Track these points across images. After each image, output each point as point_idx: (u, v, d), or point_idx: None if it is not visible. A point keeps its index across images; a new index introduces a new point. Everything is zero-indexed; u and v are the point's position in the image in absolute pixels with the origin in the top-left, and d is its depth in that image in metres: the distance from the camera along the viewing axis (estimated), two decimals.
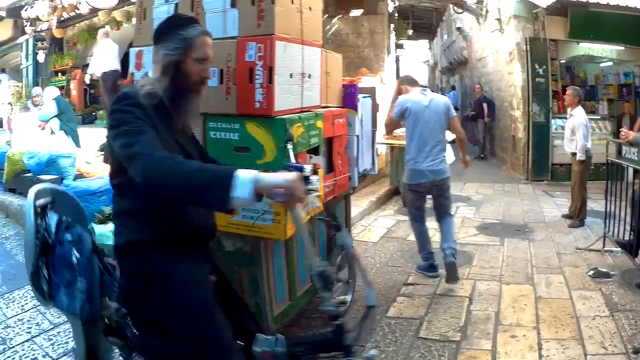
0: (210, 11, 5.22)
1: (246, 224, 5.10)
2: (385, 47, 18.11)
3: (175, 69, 3.55)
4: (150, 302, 3.38)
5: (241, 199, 2.98)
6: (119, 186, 3.54)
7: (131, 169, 3.14)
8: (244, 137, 5.03)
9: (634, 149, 8.11)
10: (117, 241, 3.55)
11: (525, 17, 19.23)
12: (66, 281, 3.58)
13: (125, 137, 3.18)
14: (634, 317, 6.91)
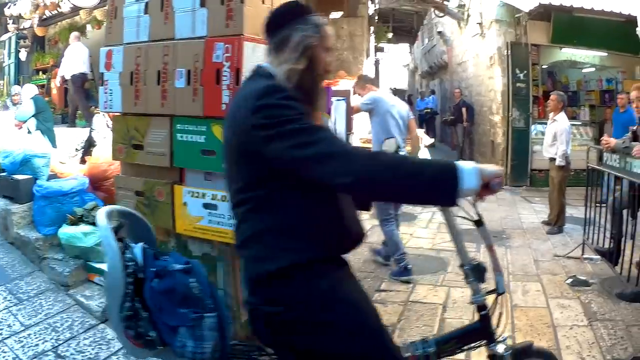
0: (179, 10, 5.13)
1: (212, 229, 5.02)
2: (365, 50, 18.13)
3: (311, 55, 3.20)
4: (317, 329, 3.00)
5: (469, 190, 2.82)
6: (257, 199, 3.04)
7: (317, 171, 2.79)
8: (210, 139, 4.92)
9: (615, 155, 8.06)
10: (275, 266, 2.96)
11: (507, 21, 19.33)
12: (188, 320, 3.08)
13: (298, 136, 2.82)
14: (613, 326, 6.87)
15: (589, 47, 19.32)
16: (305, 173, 2.84)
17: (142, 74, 5.32)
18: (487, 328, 3.70)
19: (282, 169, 2.89)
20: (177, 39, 5.14)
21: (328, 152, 2.78)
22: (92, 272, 7.12)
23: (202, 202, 5.05)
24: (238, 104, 3.09)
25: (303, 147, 2.78)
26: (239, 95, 3.27)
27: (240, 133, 2.95)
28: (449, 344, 3.74)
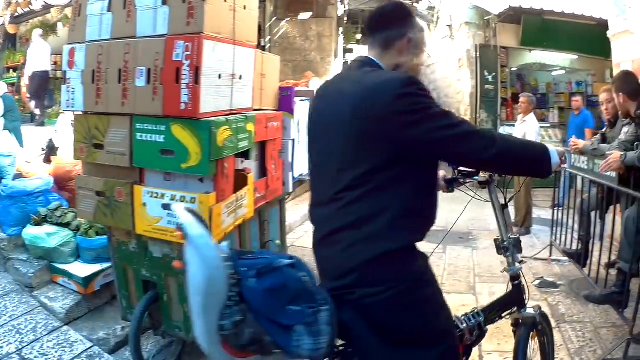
0: (141, 8, 5.03)
1: (171, 230, 4.96)
2: (333, 51, 18.18)
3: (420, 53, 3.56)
4: (414, 307, 3.17)
5: (556, 164, 3.38)
6: (378, 181, 3.09)
7: (466, 147, 3.09)
8: (169, 139, 4.87)
9: (584, 157, 8.06)
10: (395, 245, 3.10)
11: (476, 24, 19.46)
12: (306, 316, 2.94)
13: (444, 119, 3.07)
14: (582, 328, 6.88)
15: (559, 50, 19.54)
16: (452, 150, 3.13)
17: (104, 72, 5.23)
18: (521, 295, 4.43)
19: (409, 152, 3.08)
20: (139, 37, 5.06)
21: (472, 131, 3.11)
22: (56, 274, 7.02)
23: (161, 202, 5.00)
24: (360, 93, 3.17)
25: (451, 128, 3.04)
26: (347, 82, 3.40)
27: (376, 118, 3.05)
28: (492, 313, 4.30)
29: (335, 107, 3.28)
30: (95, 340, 6.15)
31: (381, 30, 3.47)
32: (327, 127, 3.33)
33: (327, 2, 17.95)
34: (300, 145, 7.28)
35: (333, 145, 3.24)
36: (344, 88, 3.32)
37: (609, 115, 8.34)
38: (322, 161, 3.40)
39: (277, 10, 17.73)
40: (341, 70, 4.07)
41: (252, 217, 6.03)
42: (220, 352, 2.87)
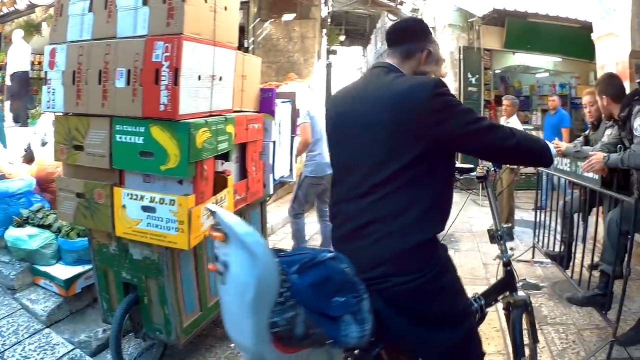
0: (122, 8, 5.01)
1: (150, 232, 4.96)
2: (316, 53, 18.17)
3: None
4: (440, 292, 3.42)
5: (554, 156, 4.15)
6: (410, 176, 3.35)
7: (490, 138, 3.39)
8: (148, 141, 4.85)
9: (566, 160, 8.06)
10: (426, 236, 3.37)
11: (460, 26, 19.52)
12: (352, 306, 3.13)
13: (471, 115, 3.39)
14: (565, 330, 6.87)
15: (543, 52, 19.65)
16: (479, 142, 3.42)
17: (84, 73, 5.20)
18: (513, 279, 4.85)
19: (441, 147, 3.39)
20: (119, 37, 5.04)
21: (494, 125, 3.46)
22: (37, 276, 6.97)
23: (141, 204, 4.98)
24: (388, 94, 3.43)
25: (478, 122, 3.36)
26: (377, 86, 3.59)
27: (414, 116, 3.29)
28: (490, 297, 4.67)
29: (369, 109, 3.48)
30: (76, 342, 6.11)
31: (403, 41, 3.76)
32: (359, 127, 3.50)
33: (311, 4, 17.96)
34: (281, 147, 7.26)
35: (368, 144, 3.44)
36: (374, 91, 3.54)
37: (592, 118, 8.32)
38: (353, 159, 3.55)
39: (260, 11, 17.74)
40: (362, 76, 4.11)
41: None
42: (272, 350, 2.94)
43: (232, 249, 2.90)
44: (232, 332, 3.09)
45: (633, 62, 9.56)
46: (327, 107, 4.07)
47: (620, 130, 6.66)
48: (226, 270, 2.96)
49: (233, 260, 2.91)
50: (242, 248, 2.87)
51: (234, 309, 2.99)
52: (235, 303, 2.95)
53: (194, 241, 5.00)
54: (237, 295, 2.91)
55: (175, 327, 5.36)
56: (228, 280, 2.97)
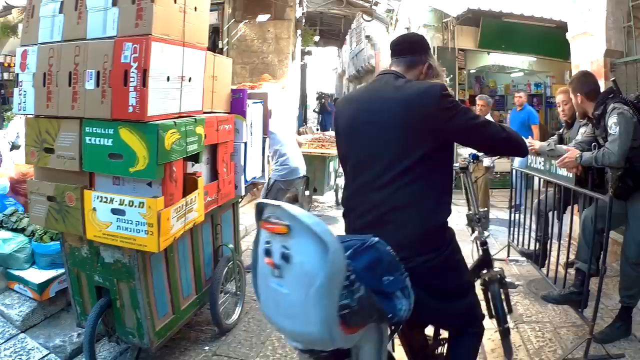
0: (92, 9, 4.97)
1: (120, 235, 4.92)
2: (290, 54, 18.12)
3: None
4: (453, 268, 4.11)
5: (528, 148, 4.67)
6: (426, 168, 3.90)
7: (487, 131, 4.08)
8: (117, 143, 4.80)
9: (540, 158, 8.06)
10: (440, 219, 4.01)
11: (435, 26, 19.50)
12: (401, 282, 3.51)
13: (469, 113, 4.06)
14: (541, 328, 6.88)
15: (518, 52, 19.77)
16: (477, 136, 4.09)
17: (55, 75, 5.15)
18: (489, 257, 5.53)
19: (449, 139, 4.07)
20: (89, 38, 4.99)
21: (488, 121, 4.20)
22: (11, 280, 6.89)
23: (111, 207, 4.93)
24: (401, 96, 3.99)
25: (477, 118, 4.10)
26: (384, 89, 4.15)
27: (427, 114, 3.84)
28: (473, 274, 5.31)
29: (384, 108, 4.02)
30: (51, 347, 6.07)
31: (407, 53, 4.33)
32: (376, 124, 4.01)
33: (285, 4, 17.89)
34: (253, 148, 7.25)
35: (385, 140, 3.94)
36: (387, 93, 4.08)
37: (565, 117, 8.33)
38: (372, 154, 4.01)
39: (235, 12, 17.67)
40: (372, 82, 4.50)
41: (204, 221, 6.03)
42: (339, 332, 3.09)
43: (297, 240, 3.09)
44: (289, 324, 3.28)
45: (608, 60, 9.60)
46: (339, 108, 4.59)
47: (595, 129, 6.66)
48: (287, 262, 3.11)
49: (297, 251, 3.09)
50: (311, 238, 3.04)
51: (296, 300, 3.12)
52: (299, 293, 3.09)
53: (164, 244, 4.97)
54: (302, 285, 3.06)
55: (148, 331, 5.32)
56: (288, 273, 3.12)
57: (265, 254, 3.23)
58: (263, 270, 3.32)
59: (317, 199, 15.75)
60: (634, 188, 6.15)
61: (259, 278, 3.40)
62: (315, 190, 14.51)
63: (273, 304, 3.33)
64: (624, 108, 6.00)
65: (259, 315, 7.13)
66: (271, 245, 3.20)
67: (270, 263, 3.19)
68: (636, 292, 6.32)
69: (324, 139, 15.14)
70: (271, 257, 3.18)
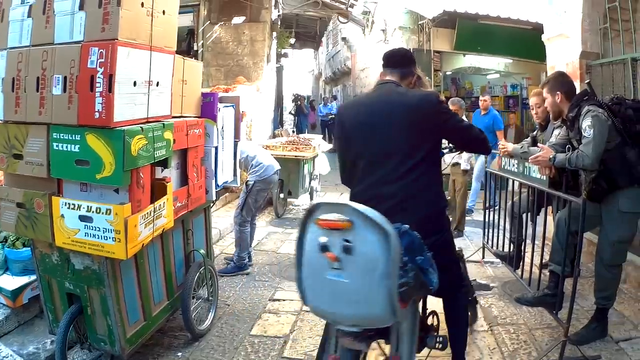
0: (60, 14, 4.91)
1: (88, 242, 4.87)
2: (265, 56, 18.08)
3: None
4: (450, 244, 5.07)
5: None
6: (429, 163, 4.78)
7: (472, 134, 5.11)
8: (84, 149, 4.75)
9: (514, 160, 8.06)
10: (442, 205, 4.91)
11: (410, 28, 19.63)
12: (430, 261, 4.14)
13: (458, 116, 5.29)
14: (516, 330, 6.85)
15: (494, 54, 19.90)
16: (463, 136, 5.11)
17: (23, 80, 5.09)
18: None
19: (443, 137, 5.09)
20: (57, 43, 4.94)
21: (470, 124, 5.33)
22: None
23: (78, 214, 4.88)
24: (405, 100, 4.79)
25: (463, 122, 5.25)
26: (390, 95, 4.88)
27: (427, 116, 4.71)
28: None
29: (392, 111, 4.74)
30: (25, 354, 6.00)
31: (400, 66, 5.16)
32: (386, 126, 4.70)
33: (261, 7, 17.81)
34: (224, 152, 7.20)
35: (395, 140, 4.66)
36: (393, 98, 4.84)
37: (539, 119, 8.29)
38: (384, 152, 4.68)
39: (210, 14, 17.59)
40: (373, 89, 5.22)
41: (175, 226, 6.01)
42: (398, 307, 3.68)
43: (359, 232, 3.64)
44: (350, 310, 3.74)
45: (584, 62, 9.62)
46: (343, 113, 5.33)
47: (569, 131, 6.64)
48: (348, 254, 3.63)
49: (360, 242, 3.63)
50: (373, 228, 3.63)
51: (359, 286, 3.65)
52: (362, 280, 3.64)
53: (132, 251, 4.92)
54: (365, 272, 3.62)
55: (119, 338, 5.28)
56: (350, 263, 3.64)
57: (321, 249, 3.70)
58: (316, 265, 3.78)
59: (292, 202, 15.66)
60: (608, 190, 6.16)
61: (309, 273, 3.87)
62: (290, 194, 14.47)
63: (328, 295, 3.78)
64: (598, 111, 6.00)
65: (232, 320, 7.16)
66: (328, 240, 3.68)
67: (332, 257, 3.66)
68: (611, 294, 6.36)
69: (298, 142, 15.13)
70: (330, 251, 3.66)
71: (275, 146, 14.36)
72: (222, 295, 7.90)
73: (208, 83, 17.06)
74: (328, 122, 32.24)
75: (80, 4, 4.82)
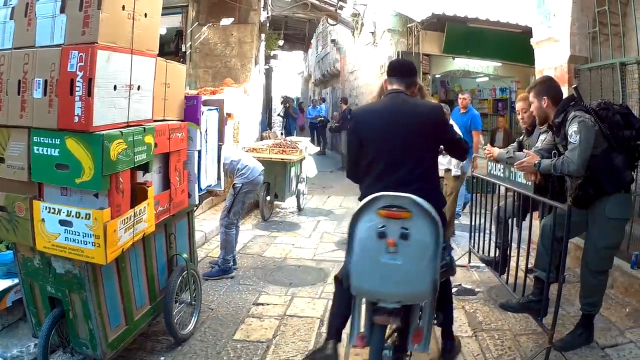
0: (41, 16, 4.87)
1: (68, 246, 4.84)
2: (253, 58, 18.08)
3: None
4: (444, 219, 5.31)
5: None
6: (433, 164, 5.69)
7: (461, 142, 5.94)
8: (64, 153, 4.72)
9: (500, 165, 8.05)
10: (443, 204, 5.62)
11: (399, 31, 19.63)
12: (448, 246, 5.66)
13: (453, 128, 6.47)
14: (500, 336, 6.82)
15: (483, 57, 19.87)
16: (454, 145, 5.90)
17: (5, 83, 5.04)
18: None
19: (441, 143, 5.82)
20: (38, 46, 4.90)
21: (460, 135, 6.09)
22: None
23: (59, 218, 4.85)
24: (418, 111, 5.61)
25: (456, 133, 6.01)
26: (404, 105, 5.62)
27: (434, 125, 5.54)
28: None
29: (407, 122, 5.47)
30: (9, 358, 5.99)
31: (406, 76, 5.86)
32: (403, 133, 5.41)
33: (250, 8, 17.79)
34: (208, 156, 7.16)
35: (410, 145, 5.39)
36: (408, 108, 5.59)
37: (525, 124, 8.25)
38: (401, 155, 5.37)
39: (199, 15, 17.55)
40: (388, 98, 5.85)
41: (157, 230, 5.99)
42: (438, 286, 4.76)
43: (416, 221, 4.60)
44: (398, 288, 4.65)
45: (572, 66, 9.63)
46: (360, 118, 5.87)
47: (555, 136, 6.62)
48: (405, 240, 4.56)
49: (416, 230, 4.59)
50: (427, 218, 4.61)
51: (411, 267, 4.58)
52: (415, 262, 4.59)
53: (111, 255, 4.89)
54: (418, 256, 4.59)
55: (100, 342, 5.25)
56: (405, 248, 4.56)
57: (379, 236, 4.57)
58: (371, 250, 4.63)
59: (278, 205, 15.64)
60: (595, 196, 6.13)
61: (361, 257, 4.69)
62: (277, 197, 14.40)
63: (380, 276, 4.63)
64: (585, 116, 5.97)
65: (216, 324, 7.13)
66: (386, 228, 4.58)
67: (391, 242, 4.54)
68: (597, 300, 6.32)
69: (285, 145, 15.01)
70: (388, 237, 4.56)
71: (262, 149, 14.36)
72: (206, 299, 7.88)
73: (196, 84, 17.09)
74: (317, 125, 32.11)
75: (62, 7, 4.78)
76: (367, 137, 5.54)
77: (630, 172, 6.17)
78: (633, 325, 6.95)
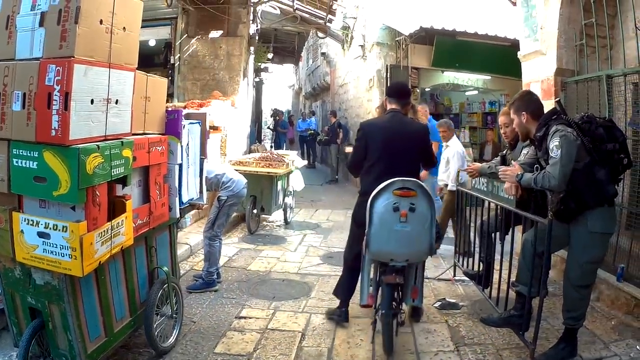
0: (21, 30, 4.90)
1: (47, 258, 4.85)
2: (242, 70, 18.12)
3: None
4: None
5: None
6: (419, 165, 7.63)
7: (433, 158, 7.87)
8: (41, 166, 4.74)
9: (483, 179, 8.09)
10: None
11: (388, 44, 19.77)
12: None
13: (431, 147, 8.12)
14: (483, 351, 6.80)
15: (472, 70, 20.02)
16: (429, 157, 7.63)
17: None
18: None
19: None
20: (17, 59, 4.92)
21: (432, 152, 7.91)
22: None
23: (37, 230, 4.86)
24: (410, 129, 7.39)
25: (430, 148, 7.80)
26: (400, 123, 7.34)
27: (421, 142, 7.36)
28: None
29: (404, 137, 7.21)
30: None
31: (402, 98, 7.49)
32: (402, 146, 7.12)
33: (239, 21, 17.76)
34: (190, 169, 7.15)
35: (406, 156, 7.12)
36: (405, 126, 7.34)
37: (508, 139, 8.24)
38: (398, 163, 6.96)
39: (188, 27, 17.55)
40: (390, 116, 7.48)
41: (138, 243, 6.00)
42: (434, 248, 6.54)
43: (419, 198, 6.31)
44: (407, 249, 6.38)
45: (559, 79, 9.67)
46: (370, 129, 7.47)
47: (537, 150, 6.62)
48: (412, 212, 6.24)
49: (419, 204, 6.31)
50: (426, 196, 6.36)
51: (416, 234, 6.30)
52: (418, 229, 6.29)
53: (88, 268, 4.89)
54: (420, 224, 6.31)
55: (79, 353, 5.24)
56: (413, 218, 6.26)
57: (394, 210, 6.25)
58: (388, 220, 6.30)
59: (265, 218, 15.63)
60: (577, 210, 6.12)
61: (379, 227, 6.35)
62: (263, 210, 14.33)
63: (394, 241, 6.31)
64: (567, 130, 5.95)
65: (197, 337, 7.12)
66: (399, 203, 6.25)
67: (404, 214, 6.23)
68: (580, 314, 6.30)
69: (272, 158, 14.93)
70: (400, 210, 6.23)
71: (249, 162, 14.31)
72: (189, 312, 7.90)
73: (184, 97, 17.18)
74: (307, 138, 31.98)
75: (41, 20, 4.80)
76: (371, 145, 7.27)
77: (613, 185, 6.15)
78: (618, 339, 6.97)
